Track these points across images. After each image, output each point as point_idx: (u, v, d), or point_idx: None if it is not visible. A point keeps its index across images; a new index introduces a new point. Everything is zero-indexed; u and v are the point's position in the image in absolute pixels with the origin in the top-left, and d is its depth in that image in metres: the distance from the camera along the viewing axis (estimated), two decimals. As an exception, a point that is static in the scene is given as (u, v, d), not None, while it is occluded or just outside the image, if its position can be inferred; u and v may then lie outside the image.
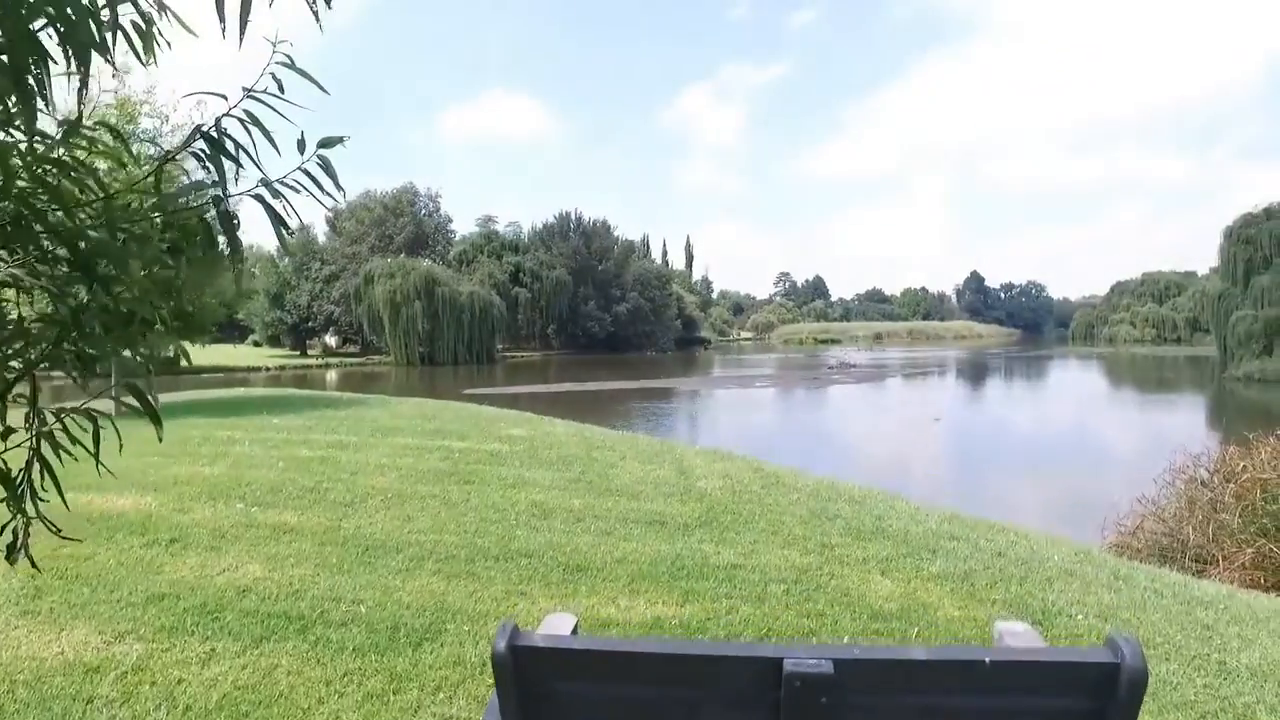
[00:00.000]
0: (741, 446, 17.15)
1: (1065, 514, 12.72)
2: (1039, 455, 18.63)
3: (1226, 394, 34.06)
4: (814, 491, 6.41)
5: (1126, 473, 16.41)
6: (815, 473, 11.31)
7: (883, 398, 36.67)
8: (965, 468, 16.86)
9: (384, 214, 69.45)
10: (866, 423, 25.64)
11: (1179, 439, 21.94)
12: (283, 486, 5.82)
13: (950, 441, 20.54)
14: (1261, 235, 41.03)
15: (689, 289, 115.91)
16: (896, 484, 14.13)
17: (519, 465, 6.85)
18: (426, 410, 10.30)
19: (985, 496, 13.94)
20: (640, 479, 6.53)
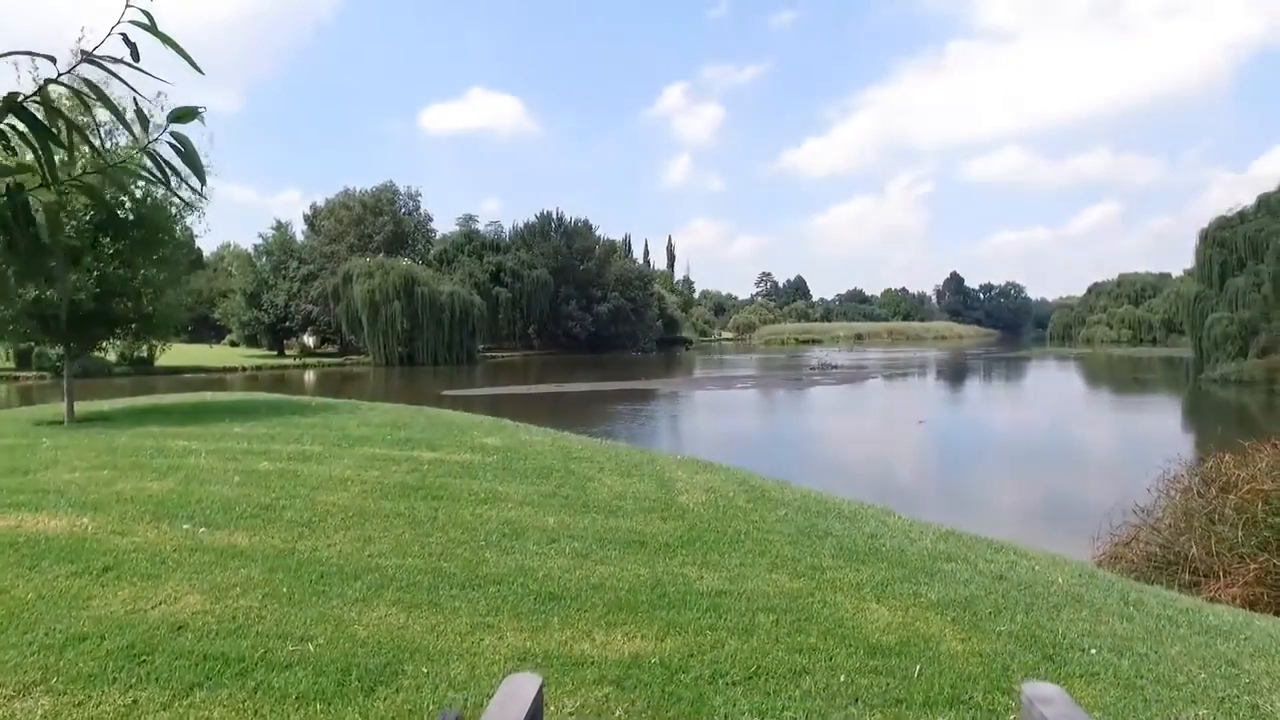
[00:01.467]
0: (725, 451, 16.92)
1: (1054, 519, 12.54)
2: (1024, 459, 18.49)
3: (1205, 396, 34.26)
4: (802, 506, 6.11)
5: (1112, 477, 16.30)
6: (802, 481, 11.04)
7: (865, 399, 36.59)
8: (951, 472, 16.69)
9: (363, 213, 68.60)
10: (850, 425, 25.45)
11: (1162, 442, 21.93)
12: (236, 504, 5.42)
13: (935, 445, 20.38)
14: (1236, 238, 41.36)
15: (670, 289, 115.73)
16: (883, 488, 13.91)
17: (491, 478, 6.49)
18: (398, 417, 9.88)
19: (972, 502, 13.75)
20: (619, 493, 6.20)
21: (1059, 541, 11.26)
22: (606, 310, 78.14)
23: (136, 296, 9.37)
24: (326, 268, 63.77)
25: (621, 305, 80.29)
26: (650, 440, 19.92)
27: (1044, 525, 12.34)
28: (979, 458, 18.52)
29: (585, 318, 76.98)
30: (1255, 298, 37.89)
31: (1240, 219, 42.19)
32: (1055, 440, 22.05)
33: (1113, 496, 14.37)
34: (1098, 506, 13.52)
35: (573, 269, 78.67)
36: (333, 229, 68.11)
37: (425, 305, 57.54)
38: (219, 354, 60.59)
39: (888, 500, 12.66)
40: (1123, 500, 14.16)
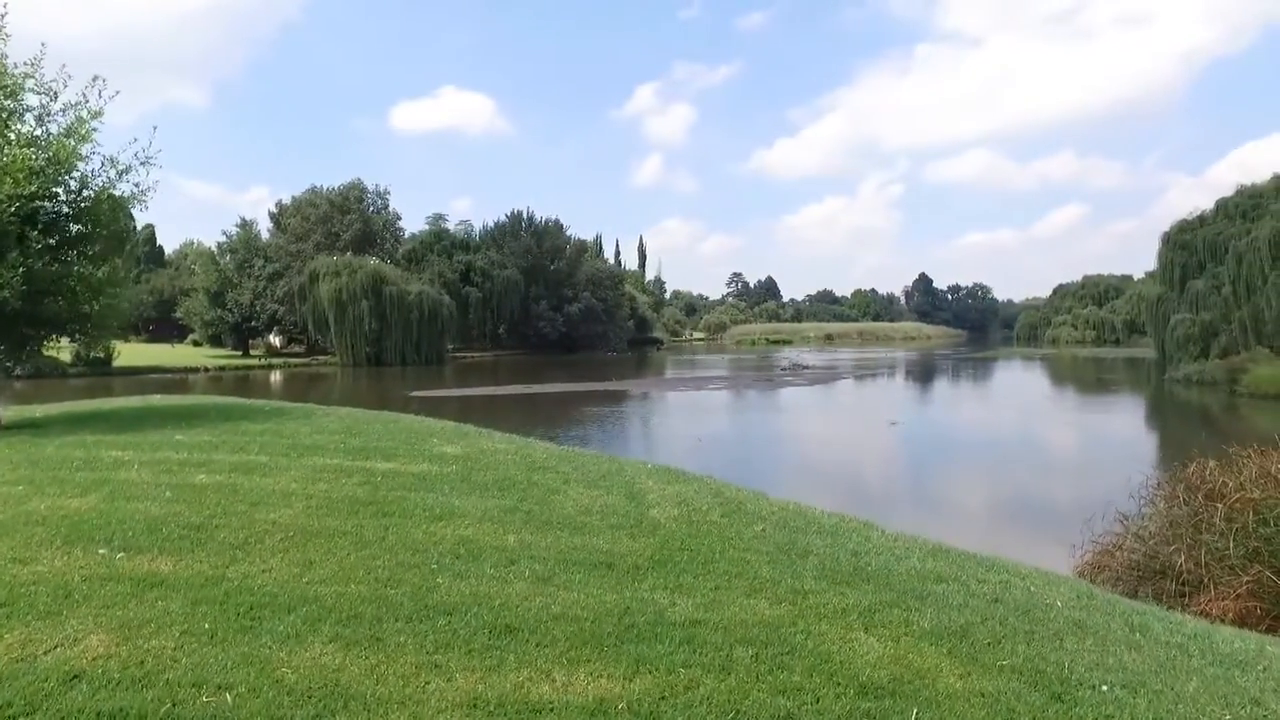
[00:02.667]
0: (698, 455, 16.62)
1: (1029, 523, 12.38)
2: (996, 461, 18.40)
3: (1170, 396, 34.69)
4: (780, 521, 5.76)
5: (1085, 479, 16.25)
6: (777, 485, 10.73)
7: (837, 400, 36.54)
8: (924, 475, 16.51)
9: (330, 210, 67.39)
10: (823, 427, 25.28)
11: (1132, 443, 22.03)
12: (164, 523, 4.94)
13: (908, 447, 20.23)
14: (1197, 241, 42.02)
15: (642, 289, 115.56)
16: (858, 493, 13.71)
17: (448, 491, 6.05)
18: (354, 423, 9.38)
19: (947, 506, 13.55)
20: (586, 507, 5.80)
21: (1036, 547, 11.09)
22: (577, 310, 77.68)
23: (71, 295, 8.77)
24: (293, 266, 62.58)
25: (593, 305, 79.89)
26: (621, 445, 19.55)
27: (1020, 529, 12.18)
28: (952, 460, 18.40)
29: (556, 318, 76.45)
30: (1216, 300, 38.48)
31: (1200, 223, 42.92)
32: (1027, 442, 22.04)
33: (1087, 500, 14.28)
34: (1072, 510, 13.42)
35: (543, 269, 78.12)
36: (299, 227, 66.84)
37: (393, 305, 56.67)
38: (181, 354, 59.11)
39: (863, 505, 12.42)
40: (1098, 503, 14.05)
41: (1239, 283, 37.45)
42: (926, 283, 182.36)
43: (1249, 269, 36.92)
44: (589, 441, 19.18)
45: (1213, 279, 39.70)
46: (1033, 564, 7.31)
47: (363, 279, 56.13)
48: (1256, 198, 41.57)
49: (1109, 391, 40.66)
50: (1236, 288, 37.61)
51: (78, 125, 8.80)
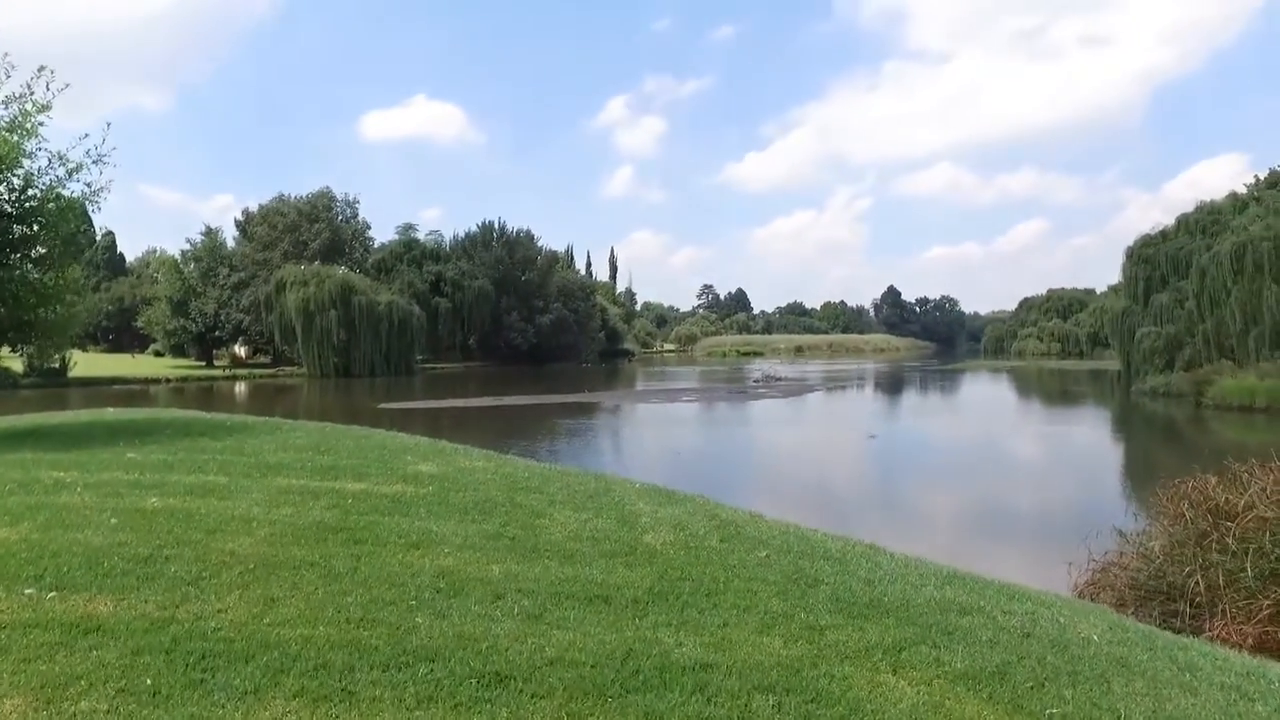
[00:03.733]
0: (678, 470, 16.24)
1: (1021, 537, 12.18)
2: (980, 474, 18.26)
3: (1139, 408, 35.07)
4: (783, 546, 5.39)
5: (1070, 492, 16.17)
6: (762, 501, 10.38)
7: (813, 413, 36.39)
8: (909, 489, 16.28)
9: (298, 219, 66.15)
10: (801, 441, 25.04)
11: (1111, 455, 22.11)
12: (106, 556, 4.42)
13: (888, 460, 20.05)
14: (1159, 256, 42.68)
15: (613, 300, 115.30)
16: (845, 508, 13.42)
17: (426, 515, 5.59)
18: (322, 439, 8.84)
19: (936, 521, 13.31)
20: (575, 532, 5.38)
21: (1031, 563, 10.86)
22: (549, 321, 77.14)
23: (13, 302, 8.16)
24: (259, 275, 61.32)
25: (564, 316, 79.41)
26: (598, 459, 19.09)
27: (1010, 545, 11.96)
28: (933, 474, 18.22)
29: (527, 329, 75.82)
30: (1180, 313, 39.02)
31: (1162, 238, 43.65)
32: (1006, 455, 22.00)
33: (1074, 514, 14.16)
34: (1061, 524, 13.28)
35: (514, 279, 77.49)
36: (266, 235, 65.52)
37: (362, 315, 55.71)
38: (142, 364, 57.57)
39: (851, 522, 12.11)
40: (1085, 518, 13.90)
41: (1202, 296, 38.01)
42: (895, 295, 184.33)
43: (1212, 283, 37.50)
44: (564, 455, 18.72)
45: (1175, 293, 40.29)
46: (1030, 583, 7.04)
47: (331, 288, 55.13)
48: (1215, 214, 42.40)
49: (1080, 404, 41.08)
50: (1200, 301, 38.17)
51: (21, 119, 8.21)
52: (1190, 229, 42.43)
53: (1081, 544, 8.49)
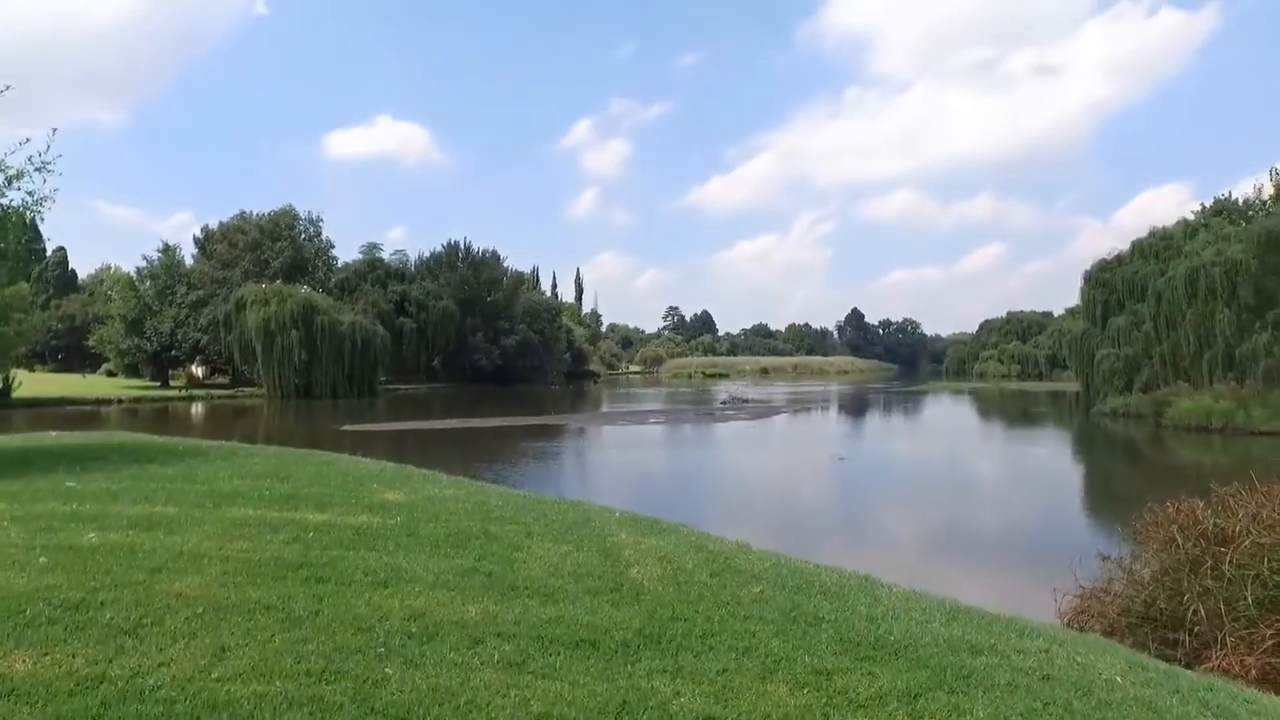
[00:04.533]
0: (649, 495, 15.91)
1: (1000, 560, 12.03)
2: (951, 496, 18.19)
3: (1101, 429, 35.57)
4: (776, 579, 5.08)
5: (1044, 514, 16.16)
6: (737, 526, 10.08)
7: (781, 435, 36.31)
8: (882, 512, 16.12)
9: (260, 237, 64.83)
10: (771, 463, 24.85)
11: (1081, 476, 22.26)
12: (30, 602, 3.95)
13: (858, 483, 19.91)
14: (1116, 280, 43.65)
15: (579, 322, 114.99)
16: (820, 534, 13.18)
17: (394, 549, 5.19)
18: (281, 465, 8.35)
19: (912, 543, 13.13)
20: (555, 567, 5.02)
21: (1012, 587, 10.70)
22: (514, 343, 76.49)
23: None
24: (218, 294, 59.89)
25: (529, 338, 78.82)
26: (568, 484, 18.65)
27: (990, 568, 11.79)
28: (904, 497, 18.10)
29: (492, 350, 75.07)
30: (1137, 335, 39.81)
31: (1118, 262, 44.69)
32: (977, 476, 22.03)
33: (1049, 537, 14.10)
34: (1036, 546, 13.21)
35: (480, 300, 76.81)
36: (226, 253, 64.08)
37: (325, 335, 54.60)
38: (94, 385, 55.59)
39: (827, 548, 11.87)
40: (1061, 540, 13.85)
41: (1159, 319, 38.85)
42: (858, 318, 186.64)
43: (1168, 306, 38.36)
44: (533, 480, 18.27)
45: (1132, 315, 41.15)
46: (1014, 608, 6.83)
47: (293, 308, 53.99)
48: (1168, 239, 43.58)
49: (1045, 425, 41.60)
50: (1157, 324, 39.00)
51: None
52: (1144, 254, 43.51)
53: (1058, 568, 8.35)
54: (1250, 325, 34.90)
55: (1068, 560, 11.77)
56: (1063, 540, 13.86)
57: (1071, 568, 8.72)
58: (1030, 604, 9.66)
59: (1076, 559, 9.59)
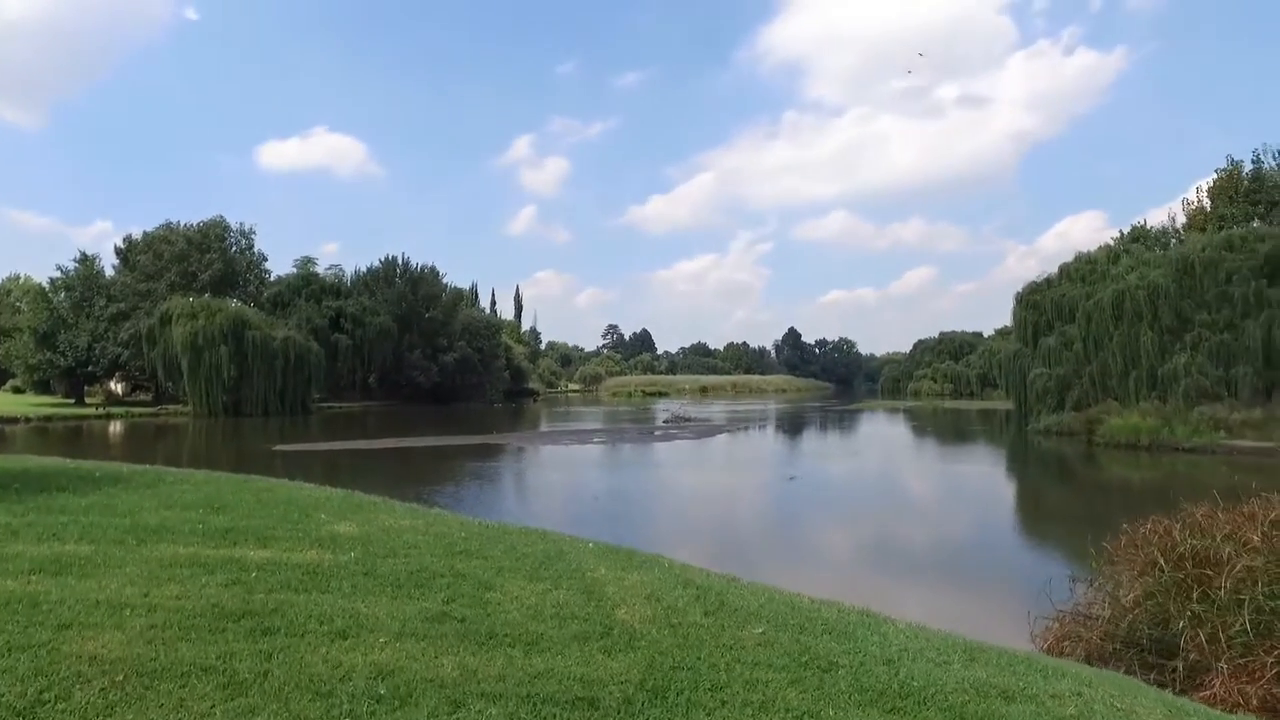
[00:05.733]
0: (602, 518, 15.38)
1: (965, 582, 11.88)
2: (905, 516, 18.16)
3: (1036, 447, 36.41)
4: (775, 618, 4.68)
5: (996, 530, 16.21)
6: (704, 558, 9.67)
7: (728, 455, 36.14)
8: (841, 534, 15.92)
9: (187, 248, 62.14)
10: (721, 483, 24.55)
11: (1028, 494, 22.58)
12: (-94, 671, 3.28)
13: (814, 503, 19.74)
14: (1045, 302, 45.08)
15: (518, 339, 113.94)
16: (787, 559, 12.86)
17: (350, 591, 4.60)
18: (216, 493, 7.57)
19: (879, 568, 12.89)
20: (534, 609, 4.51)
21: (978, 605, 10.57)
22: (453, 360, 75.11)
23: None
24: (141, 307, 57.13)
25: (468, 355, 77.54)
26: (516, 507, 17.97)
27: (956, 591, 11.62)
28: (859, 516, 17.98)
29: (430, 367, 73.53)
30: (1068, 355, 41.06)
31: (1047, 285, 46.22)
32: (929, 494, 22.13)
33: (1008, 553, 14.12)
34: (998, 564, 13.18)
35: (418, 316, 75.27)
36: (150, 265, 61.21)
37: (256, 351, 52.56)
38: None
39: (793, 569, 11.57)
40: (1024, 562, 13.85)
41: (1088, 340, 40.17)
42: (795, 337, 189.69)
43: (1096, 327, 39.70)
44: (479, 503, 17.56)
45: (1061, 336, 42.44)
46: (984, 631, 6.61)
47: (222, 322, 51.85)
48: (1092, 264, 45.36)
49: (984, 443, 42.45)
50: (1086, 345, 40.31)
51: None
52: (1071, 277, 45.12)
53: (1019, 585, 8.23)
54: (1171, 346, 36.36)
55: (1026, 577, 11.77)
56: (1022, 560, 13.88)
57: (1046, 591, 8.60)
58: (996, 625, 9.53)
59: (1046, 581, 9.51)
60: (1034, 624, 8.21)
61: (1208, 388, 34.30)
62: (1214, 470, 24.67)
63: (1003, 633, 8.67)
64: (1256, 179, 49.90)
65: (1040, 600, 9.01)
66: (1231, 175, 51.02)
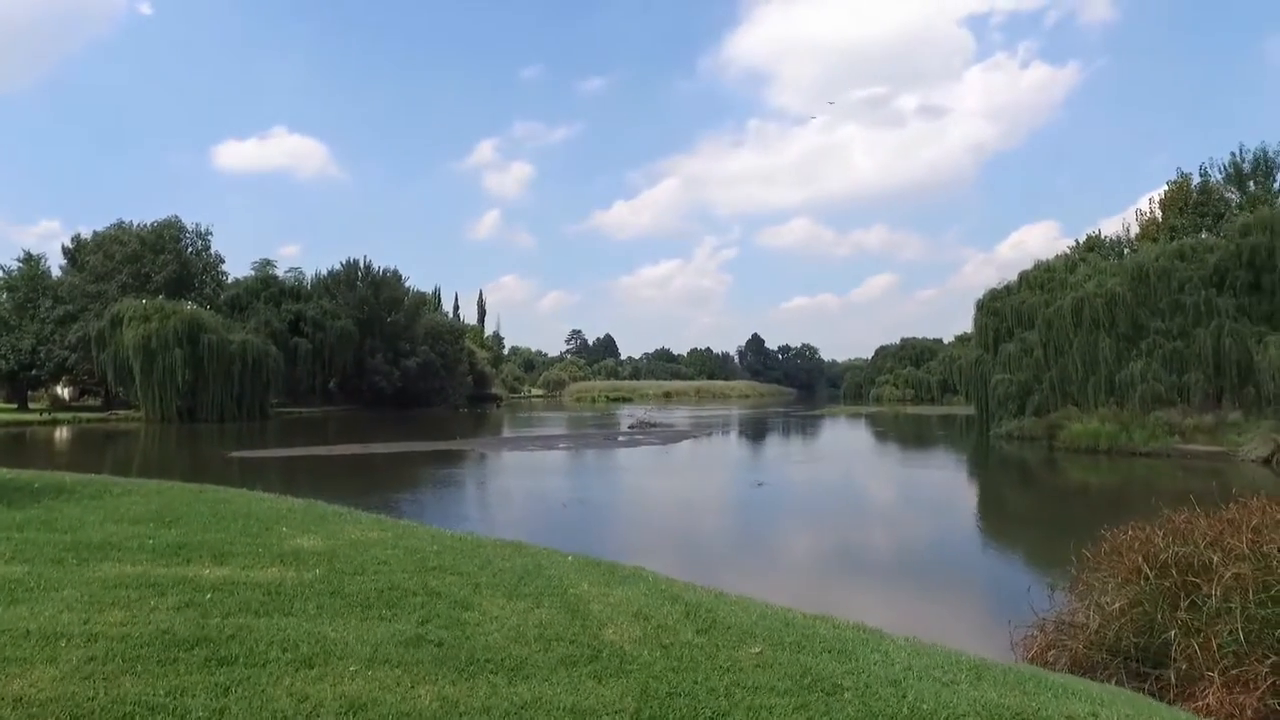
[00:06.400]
0: (572, 527, 15.05)
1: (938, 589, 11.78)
2: (874, 522, 18.14)
3: (1000, 451, 36.89)
4: (771, 635, 4.43)
5: (969, 536, 16.23)
6: (681, 568, 9.45)
7: (695, 460, 35.99)
8: (812, 542, 15.79)
9: (141, 249, 60.35)
10: (691, 489, 24.35)
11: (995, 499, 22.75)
12: None
13: (784, 508, 19.64)
14: (1006, 309, 45.81)
15: (481, 344, 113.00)
16: (763, 567, 12.66)
17: (316, 613, 4.25)
18: (168, 505, 7.10)
19: (849, 574, 12.76)
20: (517, 630, 4.21)
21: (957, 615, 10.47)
22: (415, 365, 74.10)
23: None
24: (90, 309, 55.35)
25: (431, 360, 76.56)
26: (487, 517, 17.54)
27: (929, 598, 11.53)
28: (830, 522, 17.89)
29: (392, 372, 72.43)
30: (1028, 361, 41.70)
31: (1008, 292, 47.00)
32: (899, 500, 22.17)
33: (985, 560, 14.10)
34: (974, 569, 13.14)
35: (380, 320, 74.16)
36: (101, 266, 59.33)
37: (212, 355, 51.20)
38: (-65, 408, 50.19)
39: (774, 577, 11.38)
40: (996, 563, 13.85)
41: (1048, 346, 40.84)
42: (758, 343, 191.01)
43: (1057, 334, 40.38)
44: (444, 512, 17.13)
45: (1021, 343, 43.12)
46: (967, 642, 6.47)
47: (177, 325, 50.40)
48: (1051, 272, 46.29)
49: (949, 448, 42.91)
50: (1046, 351, 40.98)
51: None
52: (1031, 285, 45.92)
53: (994, 593, 8.13)
54: (1128, 353, 37.11)
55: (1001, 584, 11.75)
56: (996, 566, 13.85)
57: (1026, 598, 8.55)
58: (976, 633, 9.44)
59: (1025, 589, 9.45)
60: (1014, 631, 8.13)
61: (1162, 394, 35.02)
62: (1170, 474, 25.19)
63: (983, 641, 8.58)
64: (1204, 192, 51.43)
65: (1018, 607, 8.96)
66: (1181, 188, 52.52)
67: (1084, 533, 8.66)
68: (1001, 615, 9.18)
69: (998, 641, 8.32)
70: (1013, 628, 8.17)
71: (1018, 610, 8.83)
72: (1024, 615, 8.35)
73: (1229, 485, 21.44)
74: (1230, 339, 33.12)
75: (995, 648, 8.04)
